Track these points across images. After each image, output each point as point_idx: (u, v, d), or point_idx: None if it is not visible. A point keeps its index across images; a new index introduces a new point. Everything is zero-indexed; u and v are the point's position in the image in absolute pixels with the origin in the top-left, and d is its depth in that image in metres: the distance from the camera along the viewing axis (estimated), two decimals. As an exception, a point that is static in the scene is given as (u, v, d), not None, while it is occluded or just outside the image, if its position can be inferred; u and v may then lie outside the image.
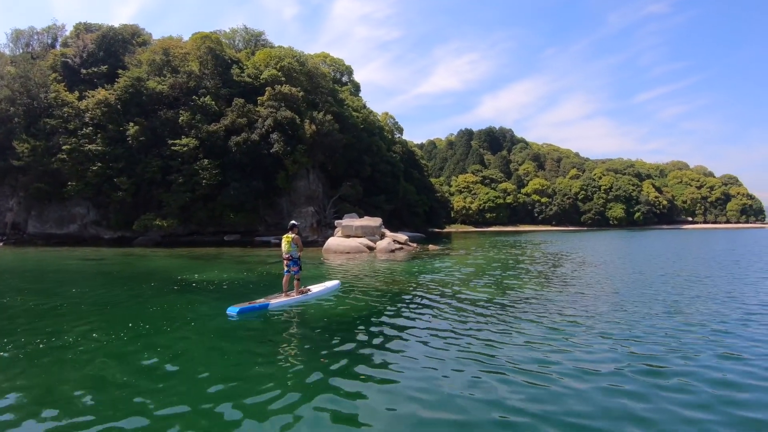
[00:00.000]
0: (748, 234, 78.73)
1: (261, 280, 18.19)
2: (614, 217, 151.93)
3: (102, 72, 49.02)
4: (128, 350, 8.16)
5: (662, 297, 13.72)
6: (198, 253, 34.03)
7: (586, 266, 24.02)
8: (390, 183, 65.58)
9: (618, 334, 9.28)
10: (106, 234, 47.95)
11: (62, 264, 26.41)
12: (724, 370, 7.12)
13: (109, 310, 12.00)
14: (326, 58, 70.53)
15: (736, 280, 18.07)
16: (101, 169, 43.77)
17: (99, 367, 7.28)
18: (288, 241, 13.24)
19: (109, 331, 9.41)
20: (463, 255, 31.82)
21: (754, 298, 13.52)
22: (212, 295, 14.31)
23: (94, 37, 51.03)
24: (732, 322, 10.40)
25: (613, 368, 7.22)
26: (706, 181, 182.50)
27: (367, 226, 37.48)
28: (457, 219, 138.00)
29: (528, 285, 16.51)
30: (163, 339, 8.96)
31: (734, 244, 44.27)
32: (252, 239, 48.63)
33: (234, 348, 8.55)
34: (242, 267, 23.51)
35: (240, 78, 51.29)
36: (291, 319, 11.22)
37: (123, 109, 45.60)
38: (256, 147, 47.24)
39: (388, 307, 12.36)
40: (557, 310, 11.73)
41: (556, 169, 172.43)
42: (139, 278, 19.02)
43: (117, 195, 44.59)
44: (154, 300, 13.29)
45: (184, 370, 7.20)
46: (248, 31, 61.35)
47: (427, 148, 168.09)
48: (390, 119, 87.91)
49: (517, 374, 6.92)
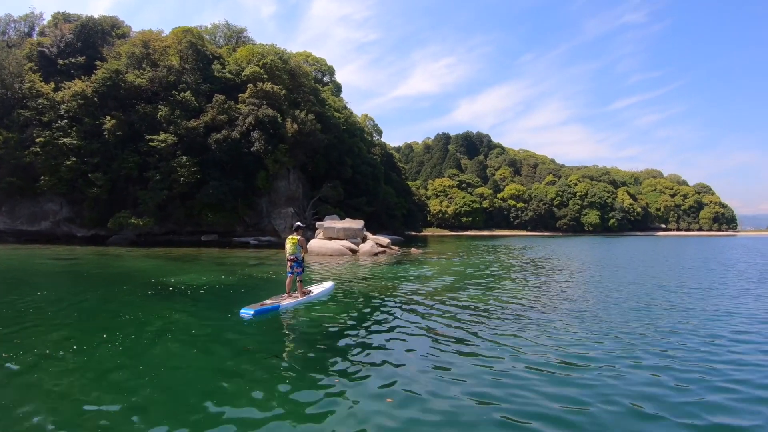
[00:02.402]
0: (722, 242, 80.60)
1: (243, 284, 17.72)
2: (589, 223, 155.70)
3: (79, 63, 48.28)
4: (101, 365, 7.53)
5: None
6: (175, 253, 33.63)
7: (568, 272, 24.69)
8: (371, 185, 65.86)
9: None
10: (79, 232, 47.27)
11: (32, 264, 25.69)
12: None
13: (79, 317, 11.37)
14: (308, 57, 70.58)
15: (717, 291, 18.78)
16: (76, 164, 43.05)
17: (66, 384, 6.67)
18: (293, 243, 13.22)
19: (80, 343, 8.68)
20: (446, 259, 32.06)
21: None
22: (192, 301, 13.80)
23: (72, 27, 50.25)
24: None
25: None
26: (679, 189, 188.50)
27: (350, 228, 37.24)
28: (434, 222, 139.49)
29: (515, 290, 16.73)
30: (140, 350, 8.38)
31: (712, 252, 45.22)
32: (230, 240, 48.39)
33: (221, 357, 8.12)
34: (222, 269, 22.95)
35: (221, 74, 50.99)
36: (277, 325, 11.05)
37: (100, 102, 44.99)
38: (237, 145, 46.98)
39: (378, 311, 12.33)
40: (550, 315, 11.94)
41: (533, 174, 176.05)
42: (114, 281, 18.18)
43: (91, 191, 43.90)
44: (129, 306, 12.55)
45: (164, 385, 6.69)
46: (230, 27, 61.07)
47: (404, 151, 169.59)
48: (369, 121, 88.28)
49: (511, 378, 7.11)
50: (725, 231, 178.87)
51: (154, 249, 37.61)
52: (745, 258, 37.17)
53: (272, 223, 52.62)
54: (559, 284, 18.60)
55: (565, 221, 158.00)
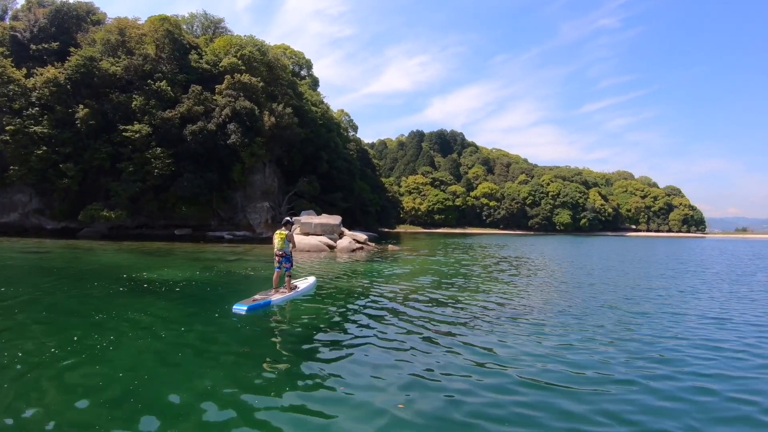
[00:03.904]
0: (692, 243, 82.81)
1: (222, 280, 17.30)
2: (561, 223, 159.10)
3: (53, 49, 47.44)
4: (73, 371, 6.97)
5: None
6: (149, 248, 33.15)
7: (544, 271, 25.62)
8: (346, 181, 66.25)
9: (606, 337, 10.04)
10: (49, 224, 46.57)
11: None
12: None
13: (49, 316, 10.59)
14: (286, 50, 70.60)
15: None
16: (46, 154, 42.31)
17: (35, 393, 6.15)
18: (281, 238, 13.37)
19: (49, 345, 8.08)
20: (423, 257, 32.26)
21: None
22: (169, 298, 13.19)
23: (46, 11, 49.32)
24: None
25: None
26: (650, 191, 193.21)
27: (327, 224, 37.41)
28: (407, 219, 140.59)
29: (490, 287, 17.14)
30: (115, 354, 7.74)
31: (685, 254, 46.50)
32: (204, 234, 48.06)
33: (216, 359, 7.83)
34: (199, 265, 22.46)
35: (198, 64, 50.72)
36: (269, 322, 10.94)
37: (73, 89, 44.36)
38: (213, 137, 46.83)
39: (365, 309, 12.32)
40: (528, 313, 12.23)
41: (505, 173, 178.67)
42: (86, 276, 17.38)
43: (62, 182, 43.25)
44: (103, 304, 11.85)
45: (142, 391, 6.26)
46: (207, 17, 60.61)
47: (378, 147, 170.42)
48: (345, 116, 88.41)
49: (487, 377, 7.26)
50: (694, 233, 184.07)
51: (126, 243, 37.07)
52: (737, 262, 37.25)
53: (247, 217, 52.49)
54: (545, 285, 18.78)
55: (537, 220, 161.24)
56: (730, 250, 55.25)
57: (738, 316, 12.71)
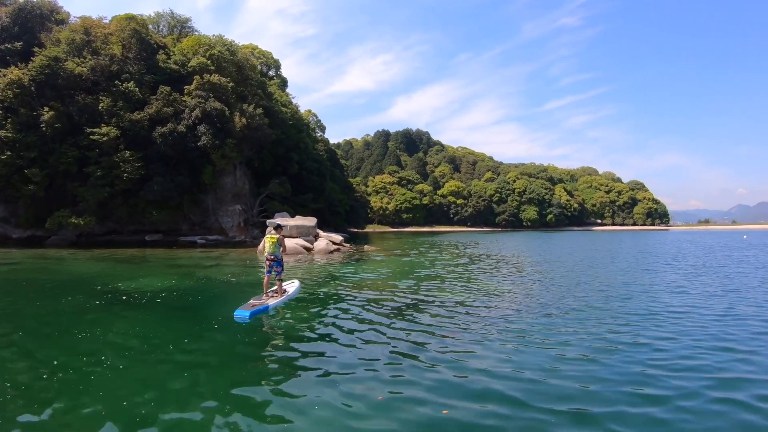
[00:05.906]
0: (658, 236, 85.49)
1: (204, 288, 16.85)
2: (528, 219, 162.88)
3: (16, 49, 46.20)
4: (47, 395, 6.51)
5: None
6: (121, 255, 32.75)
7: (524, 269, 25.89)
8: (317, 181, 66.59)
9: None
10: (14, 233, 45.65)
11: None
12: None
13: (18, 336, 9.80)
14: (254, 50, 70.53)
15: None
16: (10, 159, 41.31)
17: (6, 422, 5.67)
18: (272, 242, 13.63)
19: (21, 369, 7.57)
20: (398, 257, 32.93)
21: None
22: (152, 310, 12.58)
23: (8, 10, 48.02)
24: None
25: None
26: (614, 186, 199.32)
27: (303, 225, 37.54)
28: (375, 219, 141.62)
29: (474, 286, 17.45)
30: (106, 384, 6.93)
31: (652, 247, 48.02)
32: (176, 239, 47.88)
33: (200, 375, 7.49)
34: (176, 272, 22.03)
35: (166, 65, 50.26)
36: (274, 327, 11.03)
37: (37, 91, 43.35)
38: (183, 139, 46.47)
39: (346, 312, 12.38)
40: (517, 316, 12.20)
41: (472, 171, 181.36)
42: (58, 288, 16.72)
43: (27, 188, 42.26)
44: (78, 320, 11.24)
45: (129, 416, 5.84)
46: (174, 16, 59.99)
47: (344, 147, 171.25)
48: (313, 117, 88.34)
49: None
50: (658, 226, 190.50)
51: (97, 250, 36.60)
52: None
53: (219, 221, 52.15)
54: (532, 284, 18.73)
55: (504, 217, 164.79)
56: (700, 242, 57.28)
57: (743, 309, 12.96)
